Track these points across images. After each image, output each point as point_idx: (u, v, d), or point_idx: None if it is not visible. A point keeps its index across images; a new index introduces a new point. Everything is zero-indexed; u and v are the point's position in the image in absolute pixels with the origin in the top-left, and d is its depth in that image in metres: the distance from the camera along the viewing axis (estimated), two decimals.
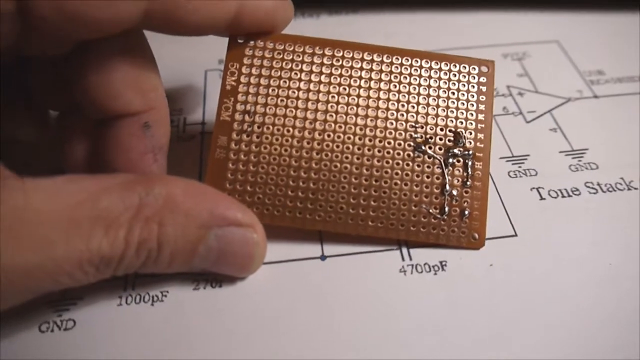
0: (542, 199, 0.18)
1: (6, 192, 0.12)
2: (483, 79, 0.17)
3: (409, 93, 0.17)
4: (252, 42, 0.17)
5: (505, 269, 0.16)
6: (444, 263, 0.16)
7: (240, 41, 0.17)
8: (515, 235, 0.17)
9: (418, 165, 0.16)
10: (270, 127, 0.16)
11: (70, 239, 0.12)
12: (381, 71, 0.17)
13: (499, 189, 0.18)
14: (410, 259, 0.16)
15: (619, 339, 0.15)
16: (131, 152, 0.16)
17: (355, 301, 0.15)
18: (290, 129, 0.16)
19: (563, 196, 0.18)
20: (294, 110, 0.16)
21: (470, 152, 0.16)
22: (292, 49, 0.17)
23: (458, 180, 0.16)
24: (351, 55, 0.17)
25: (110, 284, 0.15)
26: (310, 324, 0.15)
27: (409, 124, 0.16)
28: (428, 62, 0.17)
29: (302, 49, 0.17)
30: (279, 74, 0.17)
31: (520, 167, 0.19)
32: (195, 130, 0.20)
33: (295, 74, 0.17)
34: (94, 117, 0.16)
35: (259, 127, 0.16)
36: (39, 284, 0.13)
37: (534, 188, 0.18)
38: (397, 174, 0.16)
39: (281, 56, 0.17)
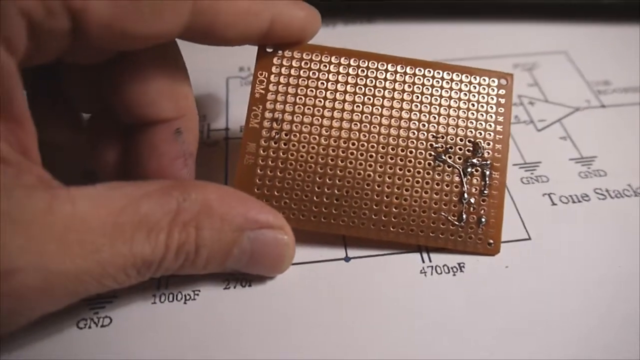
0: (553, 204, 0.19)
1: (56, 202, 0.12)
2: (502, 91, 0.18)
3: (430, 104, 0.17)
4: (280, 52, 0.17)
5: (520, 271, 0.17)
6: (462, 265, 0.17)
7: (269, 50, 0.17)
8: (529, 238, 0.18)
9: (438, 174, 0.17)
10: (297, 134, 0.17)
11: (114, 243, 0.13)
12: (404, 82, 0.17)
13: (513, 195, 0.19)
14: (430, 260, 0.17)
15: (630, 338, 0.15)
16: (163, 157, 0.17)
17: (377, 300, 0.16)
18: (317, 137, 0.17)
19: (573, 202, 0.19)
20: (320, 119, 0.17)
21: (488, 162, 0.17)
22: (319, 59, 0.17)
23: (476, 189, 0.17)
24: (375, 66, 0.17)
25: (143, 283, 0.16)
26: (335, 322, 0.16)
27: (430, 133, 0.17)
28: (449, 74, 0.18)
29: (328, 59, 0.17)
30: (306, 83, 0.17)
31: (532, 173, 0.20)
32: (219, 136, 0.21)
33: (322, 83, 0.17)
34: (127, 122, 0.17)
35: (286, 135, 0.17)
36: (87, 287, 0.13)
37: (545, 194, 0.19)
38: (417, 182, 0.17)
39: (308, 66, 0.17)
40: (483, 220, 0.17)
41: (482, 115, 0.17)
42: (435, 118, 0.17)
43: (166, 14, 0.14)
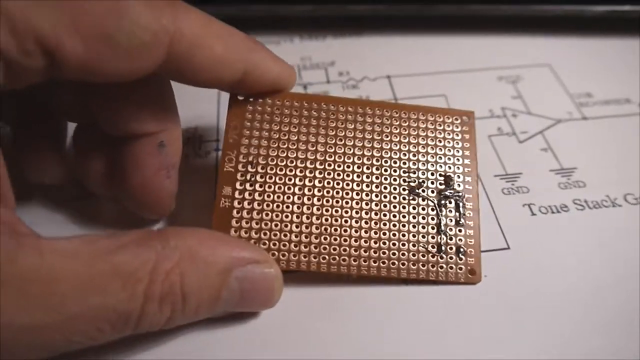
0: (533, 214, 0.19)
1: (22, 250, 0.12)
2: (465, 128, 0.19)
3: (399, 142, 0.18)
4: (252, 99, 0.18)
5: (498, 280, 0.17)
6: None
7: (240, 98, 0.18)
8: (508, 248, 0.18)
9: (414, 208, 0.17)
10: (273, 176, 0.17)
11: (84, 295, 0.12)
12: (373, 123, 0.18)
13: (493, 205, 0.20)
14: None
15: (607, 347, 0.16)
16: (147, 169, 0.17)
17: (359, 308, 0.17)
18: (292, 178, 0.17)
19: (552, 212, 0.19)
20: (294, 160, 0.17)
21: (461, 193, 0.18)
22: (290, 104, 0.18)
23: (451, 220, 0.18)
24: (345, 109, 0.18)
25: None
26: (320, 331, 0.16)
27: (402, 170, 0.18)
28: (415, 114, 0.18)
29: (299, 104, 0.18)
30: (278, 127, 0.18)
31: (513, 184, 0.20)
32: (211, 148, 0.22)
33: (295, 127, 0.18)
34: (112, 135, 0.17)
35: (261, 177, 0.17)
36: (50, 342, 0.12)
37: (525, 204, 0.20)
38: (394, 216, 0.17)
39: (280, 111, 0.18)
40: (462, 249, 0.17)
41: (449, 151, 0.18)
42: (405, 155, 0.18)
43: (142, 56, 0.14)
